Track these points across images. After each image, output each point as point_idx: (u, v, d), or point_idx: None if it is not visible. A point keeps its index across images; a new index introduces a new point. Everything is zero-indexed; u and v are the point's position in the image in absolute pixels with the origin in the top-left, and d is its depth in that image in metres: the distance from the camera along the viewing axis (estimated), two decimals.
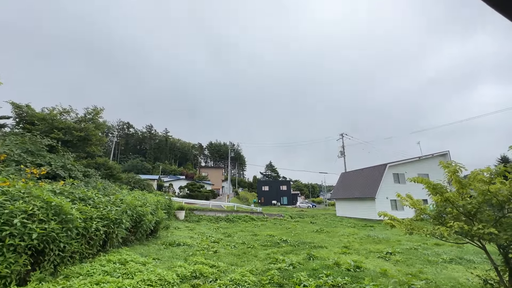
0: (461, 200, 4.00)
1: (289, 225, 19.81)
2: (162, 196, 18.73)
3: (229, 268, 7.01)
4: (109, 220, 6.96)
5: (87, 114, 16.32)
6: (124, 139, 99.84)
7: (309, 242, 11.78)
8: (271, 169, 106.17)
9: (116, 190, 11.42)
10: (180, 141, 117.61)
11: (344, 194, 31.06)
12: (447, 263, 8.09)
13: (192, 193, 40.05)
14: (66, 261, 5.40)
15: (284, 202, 62.80)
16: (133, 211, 8.75)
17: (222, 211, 25.07)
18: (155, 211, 11.41)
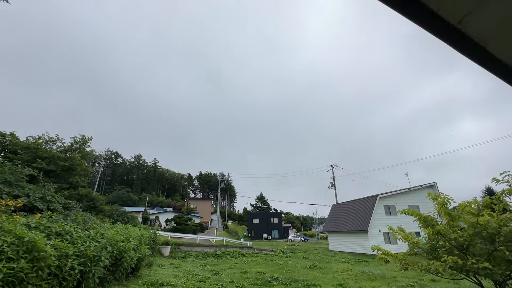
0: (453, 233, 3.97)
1: (280, 261, 18.84)
2: (146, 230, 17.70)
3: None
4: (86, 257, 6.41)
5: (74, 143, 15.95)
6: (111, 168, 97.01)
7: (302, 280, 11.13)
8: (262, 200, 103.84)
9: (97, 224, 10.75)
10: (169, 172, 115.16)
11: (336, 227, 30.35)
12: None
13: (179, 226, 38.18)
14: None
15: (275, 235, 60.41)
16: (114, 247, 8.16)
17: (210, 246, 23.77)
18: (138, 246, 10.70)
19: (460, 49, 1.19)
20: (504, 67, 1.25)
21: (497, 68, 1.26)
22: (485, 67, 1.26)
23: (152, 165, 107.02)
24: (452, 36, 1.12)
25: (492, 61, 1.22)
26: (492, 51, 1.18)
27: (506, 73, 1.28)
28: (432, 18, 1.04)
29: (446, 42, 1.17)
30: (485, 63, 1.24)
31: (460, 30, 1.08)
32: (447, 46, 1.21)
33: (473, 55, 1.21)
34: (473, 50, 1.18)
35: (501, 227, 3.63)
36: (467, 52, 1.19)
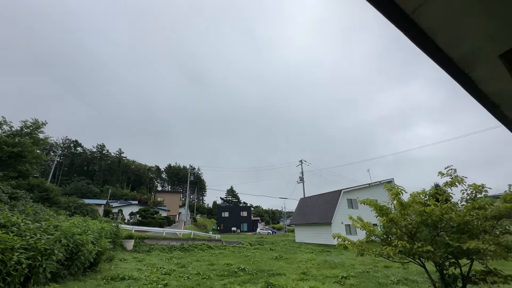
0: (403, 220, 4.38)
1: (248, 252, 19.14)
2: (108, 224, 16.73)
3: None
4: (36, 251, 5.89)
5: (25, 128, 14.30)
6: (69, 158, 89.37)
7: (268, 270, 11.45)
8: (232, 194, 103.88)
9: (50, 216, 9.90)
10: (135, 163, 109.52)
11: (303, 220, 31.60)
12: (395, 284, 8.53)
13: (144, 219, 36.72)
14: None
15: (244, 228, 61.10)
16: (70, 240, 7.60)
17: (177, 239, 23.25)
18: (98, 240, 10.09)
19: (414, 40, 1.30)
20: (449, 60, 1.39)
21: (443, 61, 1.40)
22: (434, 59, 1.39)
23: (116, 156, 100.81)
24: (407, 26, 1.22)
25: (439, 54, 1.35)
26: (440, 44, 1.30)
27: (450, 66, 1.43)
28: (390, 6, 1.11)
29: (403, 32, 1.27)
30: (434, 56, 1.37)
31: (413, 20, 1.18)
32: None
33: (424, 47, 1.33)
34: (424, 42, 1.29)
35: (443, 215, 4.08)
36: (419, 44, 1.30)
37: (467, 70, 1.52)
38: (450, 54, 1.35)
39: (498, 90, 1.73)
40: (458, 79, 1.68)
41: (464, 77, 1.61)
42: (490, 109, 2.06)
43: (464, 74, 1.56)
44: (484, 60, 1.39)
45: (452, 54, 1.35)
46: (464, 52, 1.34)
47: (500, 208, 3.83)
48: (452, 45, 1.30)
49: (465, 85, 1.75)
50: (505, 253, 3.62)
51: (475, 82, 1.66)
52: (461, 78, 1.65)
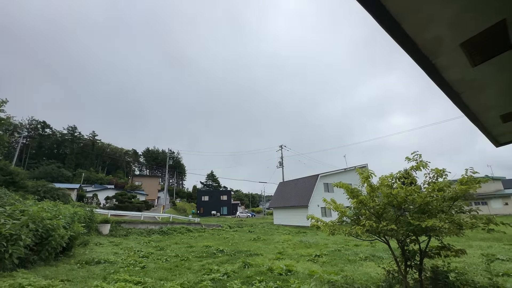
0: (372, 202, 4.66)
1: (227, 235, 19.54)
2: (81, 208, 16.14)
3: (157, 284, 6.42)
4: (0, 236, 5.59)
5: None
6: (36, 140, 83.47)
7: (246, 251, 11.82)
8: (213, 179, 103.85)
9: (16, 200, 9.34)
10: (110, 146, 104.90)
11: (281, 203, 32.60)
12: (363, 260, 9.21)
13: (121, 204, 35.88)
14: None
15: (224, 212, 61.94)
16: (39, 225, 7.27)
17: (156, 223, 23.10)
18: (71, 224, 9.76)
19: (383, 25, 1.32)
20: (415, 47, 1.44)
21: (410, 47, 1.45)
22: (402, 45, 1.44)
23: (89, 138, 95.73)
24: (377, 11, 1.23)
25: (406, 40, 1.40)
26: (406, 29, 1.34)
27: (417, 53, 1.49)
28: None
29: (374, 17, 1.29)
30: (402, 41, 1.42)
31: (383, 5, 1.20)
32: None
33: (393, 32, 1.36)
34: (392, 26, 1.32)
35: (407, 197, 4.39)
36: (388, 28, 1.33)
37: (431, 58, 1.59)
38: (416, 40, 1.40)
39: (459, 78, 1.84)
40: (424, 66, 1.76)
41: (429, 64, 1.69)
42: (452, 98, 2.19)
43: (429, 61, 1.63)
44: (446, 48, 1.46)
45: (418, 40, 1.40)
46: (429, 39, 1.39)
47: (457, 190, 4.20)
48: (417, 32, 1.35)
49: (431, 73, 1.83)
50: (457, 230, 4.01)
51: (439, 70, 1.75)
52: (426, 65, 1.72)
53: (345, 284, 5.27)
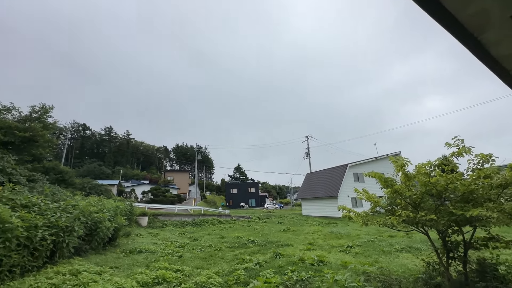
0: (408, 191, 4.44)
1: (257, 226, 19.93)
2: (122, 202, 17.49)
3: (194, 272, 6.81)
4: (58, 228, 6.29)
5: (33, 113, 14.57)
6: (79, 141, 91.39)
7: (276, 241, 11.99)
8: (240, 171, 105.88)
9: (67, 196, 10.39)
10: (143, 144, 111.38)
11: (310, 194, 32.29)
12: (398, 252, 8.86)
13: (156, 198, 38.17)
14: (3, 276, 4.75)
15: (252, 204, 63.04)
16: (88, 218, 8.05)
17: (188, 215, 24.27)
18: (114, 217, 10.63)
19: (421, 4, 1.23)
20: (457, 23, 1.32)
21: (451, 25, 1.33)
22: (442, 23, 1.32)
23: (124, 137, 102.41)
24: None
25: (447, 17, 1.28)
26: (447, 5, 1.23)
27: (459, 30, 1.36)
28: None
29: None
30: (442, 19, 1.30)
31: None
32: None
33: (432, 10, 1.25)
34: (432, 4, 1.22)
35: (448, 185, 4.11)
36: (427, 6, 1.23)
37: (476, 33, 1.45)
38: (458, 16, 1.28)
39: (509, 53, 1.66)
40: (467, 44, 1.61)
41: (473, 41, 1.55)
42: (500, 74, 1.99)
43: (473, 38, 1.49)
44: (494, 22, 1.32)
45: (460, 16, 1.28)
46: (473, 13, 1.27)
47: (507, 176, 3.83)
48: (460, 7, 1.23)
49: (475, 50, 1.68)
50: (508, 219, 3.68)
51: (485, 46, 1.59)
52: (470, 42, 1.58)
53: (381, 275, 5.14)
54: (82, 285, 4.90)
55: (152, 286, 5.45)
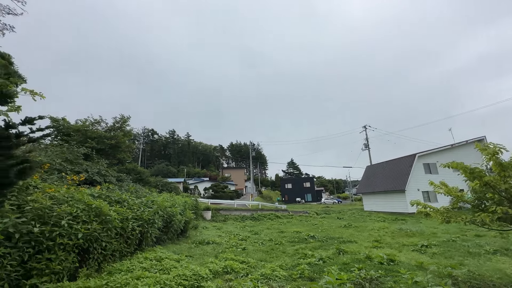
0: (503, 183, 3.73)
1: (315, 221, 19.55)
2: (188, 198, 19.33)
3: (258, 264, 7.10)
4: (143, 221, 7.35)
5: (115, 123, 17.37)
6: (149, 145, 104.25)
7: (338, 237, 11.56)
8: (293, 166, 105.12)
9: (146, 193, 12.02)
10: (201, 144, 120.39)
11: (371, 188, 29.99)
12: (490, 254, 7.55)
13: (216, 193, 40.91)
14: (108, 259, 5.81)
15: (308, 199, 61.94)
16: (164, 212, 9.16)
17: (247, 210, 25.33)
18: (184, 211, 11.83)
19: None
20: None
21: None
22: None
23: (185, 139, 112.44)
24: None
25: None
26: None
27: None
28: None
29: None
30: None
31: None
32: None
33: None
34: None
35: None
36: None
37: None
38: None
39: None
40: None
41: None
42: None
43: None
44: None
45: None
46: None
47: None
48: None
49: None
50: None
51: None
52: None
53: (472, 280, 4.47)
54: (165, 270, 5.65)
55: (222, 275, 5.91)
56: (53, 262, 4.35)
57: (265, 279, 5.60)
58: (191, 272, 5.39)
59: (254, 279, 5.44)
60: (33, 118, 3.17)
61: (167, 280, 4.74)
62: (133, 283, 4.35)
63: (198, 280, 5.13)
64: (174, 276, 5.04)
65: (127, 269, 5.42)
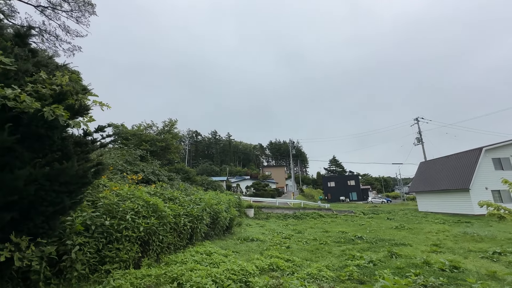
0: None
1: (362, 221, 18.53)
2: (232, 196, 20.04)
3: (304, 263, 7.04)
4: (192, 217, 7.88)
5: (165, 126, 18.99)
6: (194, 146, 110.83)
7: (389, 239, 10.79)
8: (336, 164, 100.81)
9: (194, 191, 12.84)
10: (242, 143, 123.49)
11: (427, 186, 27.16)
12: None
13: (258, 192, 41.54)
14: (165, 251, 6.39)
15: (353, 197, 58.83)
16: (211, 209, 9.68)
17: (289, 208, 25.22)
18: (228, 209, 12.31)
19: None
20: None
21: None
22: None
23: (226, 139, 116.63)
24: None
25: None
26: None
27: None
28: None
29: None
30: None
31: None
32: None
33: None
34: None
35: None
36: None
37: None
38: None
39: None
40: None
41: None
42: None
43: None
44: None
45: None
46: None
47: None
48: None
49: None
50: None
51: None
52: None
53: None
54: (215, 264, 5.97)
55: (268, 272, 6.01)
56: (121, 252, 4.96)
57: (311, 278, 5.53)
58: (238, 267, 5.61)
59: (300, 278, 5.42)
60: (103, 126, 3.68)
61: (217, 273, 5.01)
62: (187, 274, 4.71)
63: (245, 276, 5.31)
64: (223, 270, 5.30)
65: (182, 261, 5.88)
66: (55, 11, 16.16)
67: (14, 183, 2.50)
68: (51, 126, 2.92)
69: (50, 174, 2.82)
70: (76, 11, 16.29)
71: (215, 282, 4.67)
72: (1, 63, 2.29)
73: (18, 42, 3.15)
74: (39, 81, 2.81)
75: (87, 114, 3.33)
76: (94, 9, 16.63)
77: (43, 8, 15.97)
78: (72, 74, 3.40)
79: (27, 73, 2.87)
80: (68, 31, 16.50)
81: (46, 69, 3.35)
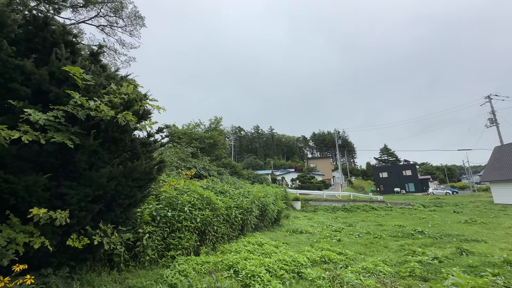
0: None
1: (422, 214, 16.88)
2: (278, 188, 20.21)
3: (357, 257, 6.80)
4: (242, 209, 8.24)
5: (211, 124, 20.08)
6: (238, 141, 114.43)
7: (457, 235, 9.65)
8: (388, 153, 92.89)
9: (242, 184, 13.34)
10: (284, 136, 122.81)
11: (505, 175, 23.27)
12: None
13: (303, 184, 41.02)
14: (219, 240, 6.84)
15: (410, 189, 53.60)
16: (259, 202, 9.96)
17: (337, 200, 24.36)
18: (275, 201, 12.48)
19: None
20: None
21: None
22: None
23: (268, 132, 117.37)
24: None
25: None
26: None
27: None
28: None
29: None
30: None
31: None
32: None
33: None
34: None
35: None
36: None
37: None
38: None
39: None
40: None
41: None
42: None
43: None
44: None
45: None
46: None
47: None
48: None
49: None
50: None
51: None
52: None
53: None
54: (267, 254, 6.18)
55: (320, 264, 5.98)
56: (182, 240, 5.49)
57: (367, 273, 5.32)
58: (290, 258, 5.71)
59: (355, 272, 5.26)
60: (162, 127, 4.10)
61: (269, 263, 5.19)
62: (242, 263, 4.98)
63: (298, 267, 5.38)
64: (275, 260, 5.46)
65: (235, 250, 6.24)
66: (112, 28, 18.26)
67: (100, 180, 3.00)
68: (123, 130, 3.40)
69: (125, 171, 3.28)
70: (129, 25, 18.15)
71: (269, 271, 4.84)
72: (84, 80, 2.75)
73: (92, 60, 3.70)
74: (111, 92, 3.27)
75: (150, 117, 3.76)
76: (143, 22, 18.28)
77: (103, 26, 18.19)
78: (133, 84, 3.87)
79: (101, 86, 3.36)
80: (123, 44, 18.52)
81: (114, 81, 3.85)
